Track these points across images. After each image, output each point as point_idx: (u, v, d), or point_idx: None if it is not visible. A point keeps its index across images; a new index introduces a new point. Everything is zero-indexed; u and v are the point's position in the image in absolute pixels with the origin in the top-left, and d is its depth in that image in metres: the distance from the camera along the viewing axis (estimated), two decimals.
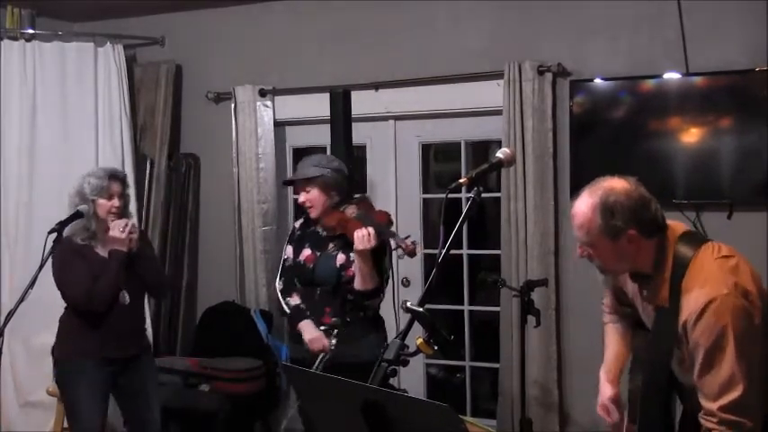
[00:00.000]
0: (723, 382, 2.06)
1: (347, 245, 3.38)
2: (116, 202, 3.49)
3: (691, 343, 2.12)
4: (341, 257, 3.44)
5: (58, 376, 3.63)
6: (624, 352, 2.52)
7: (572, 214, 2.25)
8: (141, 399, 3.69)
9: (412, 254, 3.21)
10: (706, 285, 2.10)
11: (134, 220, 3.64)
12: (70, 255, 3.45)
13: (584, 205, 2.21)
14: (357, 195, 3.65)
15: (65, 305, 3.60)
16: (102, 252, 3.52)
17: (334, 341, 3.31)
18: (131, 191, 5.00)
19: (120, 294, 3.52)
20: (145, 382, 3.69)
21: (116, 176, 3.55)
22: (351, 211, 3.42)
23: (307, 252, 3.54)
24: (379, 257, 3.37)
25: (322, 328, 3.42)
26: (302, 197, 3.51)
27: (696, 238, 2.25)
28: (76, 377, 3.53)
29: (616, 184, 2.21)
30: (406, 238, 3.24)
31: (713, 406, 2.08)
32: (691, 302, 2.11)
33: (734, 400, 2.05)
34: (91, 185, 3.46)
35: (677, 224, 2.29)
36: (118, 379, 3.62)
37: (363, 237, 3.20)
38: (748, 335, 2.07)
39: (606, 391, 2.49)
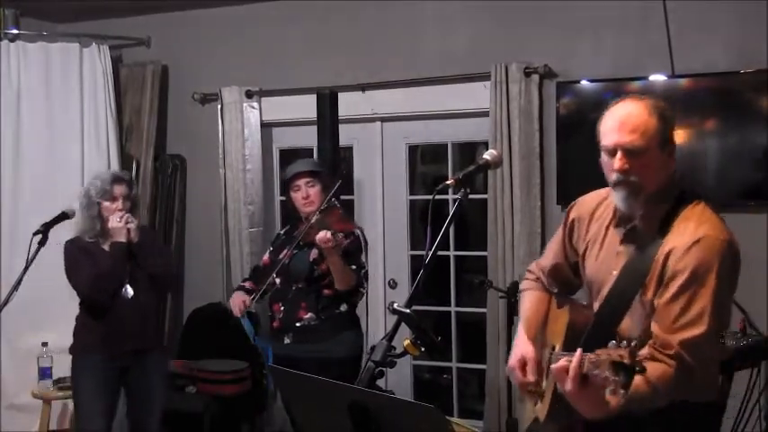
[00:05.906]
0: (692, 315, 2.02)
1: None
2: (119, 204, 3.61)
3: (669, 272, 2.06)
4: (314, 253, 3.64)
5: (71, 372, 3.73)
6: (544, 312, 2.40)
7: (621, 121, 2.14)
8: (143, 400, 3.73)
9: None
10: (703, 224, 2.09)
11: (137, 216, 3.74)
12: (77, 252, 3.60)
13: (637, 108, 2.13)
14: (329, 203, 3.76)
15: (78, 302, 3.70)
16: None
17: (251, 301, 3.74)
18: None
19: (123, 288, 3.58)
20: (150, 383, 3.72)
21: (120, 180, 3.68)
22: (314, 217, 3.62)
23: (285, 251, 3.77)
24: (351, 255, 3.59)
25: (297, 324, 3.65)
26: (306, 192, 3.69)
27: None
28: (82, 372, 3.65)
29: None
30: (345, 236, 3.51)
31: (672, 338, 2.01)
32: (683, 235, 2.08)
33: (695, 337, 2.00)
34: (96, 188, 3.61)
35: None
36: (127, 376, 3.67)
37: (322, 238, 3.42)
38: (728, 284, 2.08)
39: (527, 348, 2.33)
